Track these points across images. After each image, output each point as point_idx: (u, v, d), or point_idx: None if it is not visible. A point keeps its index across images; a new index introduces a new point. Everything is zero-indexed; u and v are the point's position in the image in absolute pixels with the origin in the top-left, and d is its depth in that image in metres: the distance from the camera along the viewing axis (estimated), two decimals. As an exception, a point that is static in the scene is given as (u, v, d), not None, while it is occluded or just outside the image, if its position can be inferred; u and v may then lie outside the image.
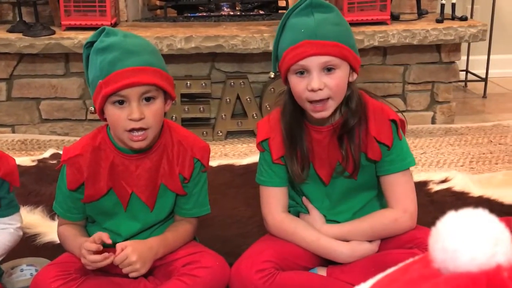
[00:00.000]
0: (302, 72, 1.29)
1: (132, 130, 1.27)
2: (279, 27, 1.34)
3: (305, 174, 1.38)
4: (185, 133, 1.42)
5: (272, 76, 1.41)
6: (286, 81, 1.35)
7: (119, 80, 1.23)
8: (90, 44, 1.29)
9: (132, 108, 1.25)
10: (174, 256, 1.36)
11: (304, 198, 1.45)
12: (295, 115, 1.38)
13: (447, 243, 0.39)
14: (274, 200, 1.42)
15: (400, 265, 0.44)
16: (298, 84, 1.30)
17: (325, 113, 1.32)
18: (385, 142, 1.35)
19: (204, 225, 1.70)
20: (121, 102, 1.26)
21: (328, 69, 1.28)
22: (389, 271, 0.44)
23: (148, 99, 1.27)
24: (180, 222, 1.43)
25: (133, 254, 1.26)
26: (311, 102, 1.30)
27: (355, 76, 1.35)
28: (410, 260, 0.43)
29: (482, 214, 0.40)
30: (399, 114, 1.40)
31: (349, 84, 1.34)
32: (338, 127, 1.36)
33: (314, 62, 1.27)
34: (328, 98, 1.30)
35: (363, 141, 1.36)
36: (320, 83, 1.27)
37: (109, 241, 1.26)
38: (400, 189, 1.38)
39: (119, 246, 1.27)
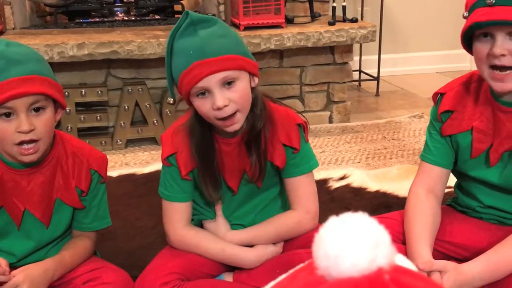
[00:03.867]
0: (204, 92, 1.25)
1: (21, 143, 1.20)
2: (166, 52, 1.29)
3: (218, 189, 1.37)
4: (80, 144, 1.37)
5: (172, 102, 1.34)
6: (190, 103, 1.31)
7: (4, 91, 1.17)
8: (-31, 55, 1.21)
9: (20, 120, 1.19)
10: (73, 274, 1.31)
11: (217, 205, 1.43)
12: (204, 132, 1.35)
13: (329, 249, 0.39)
14: (177, 215, 1.39)
15: (289, 272, 0.44)
16: (203, 106, 1.26)
17: (237, 126, 1.29)
18: (295, 145, 1.36)
19: (105, 238, 1.65)
20: (8, 115, 1.19)
21: (228, 83, 1.25)
22: (279, 279, 0.44)
23: (37, 110, 1.21)
24: (78, 238, 1.38)
25: (25, 282, 1.20)
26: (219, 119, 1.27)
27: (256, 80, 1.32)
28: (300, 266, 0.44)
29: (361, 218, 0.41)
30: (302, 117, 1.42)
31: (252, 89, 1.32)
32: (246, 134, 1.35)
33: (211, 81, 1.23)
34: (235, 112, 1.27)
35: (269, 149, 1.36)
36: (225, 99, 1.24)
37: (7, 269, 1.19)
38: (303, 191, 1.40)
39: (12, 274, 1.21)
